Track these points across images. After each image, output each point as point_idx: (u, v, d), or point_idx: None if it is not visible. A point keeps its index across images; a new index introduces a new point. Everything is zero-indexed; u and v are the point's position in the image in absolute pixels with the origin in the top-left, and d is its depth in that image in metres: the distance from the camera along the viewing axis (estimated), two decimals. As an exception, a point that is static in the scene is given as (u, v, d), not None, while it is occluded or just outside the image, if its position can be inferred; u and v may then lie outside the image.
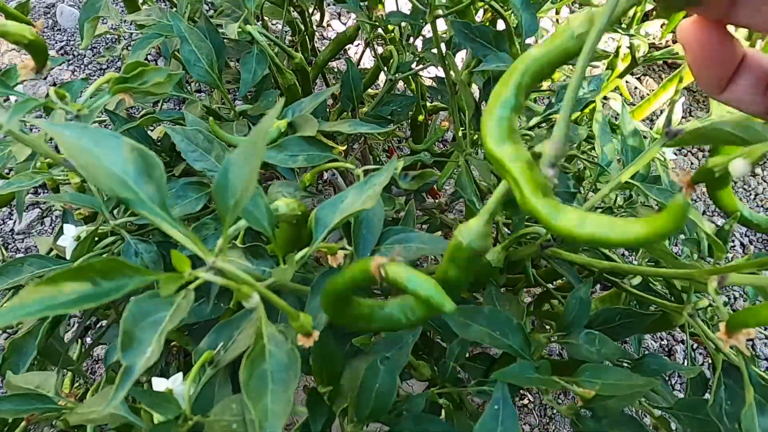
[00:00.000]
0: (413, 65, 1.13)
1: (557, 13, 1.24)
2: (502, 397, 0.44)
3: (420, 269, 0.33)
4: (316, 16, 1.39)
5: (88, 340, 1.13)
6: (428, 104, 1.23)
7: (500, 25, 0.83)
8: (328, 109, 1.35)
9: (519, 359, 0.53)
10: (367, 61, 1.88)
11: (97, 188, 0.66)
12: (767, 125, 0.31)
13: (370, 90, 1.41)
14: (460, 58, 1.49)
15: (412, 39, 1.16)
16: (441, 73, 0.93)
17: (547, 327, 1.10)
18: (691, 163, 1.90)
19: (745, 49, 0.32)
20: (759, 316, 0.40)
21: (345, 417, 0.53)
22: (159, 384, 0.47)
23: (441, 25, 0.88)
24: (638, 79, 1.92)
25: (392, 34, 1.15)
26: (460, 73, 0.79)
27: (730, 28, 0.31)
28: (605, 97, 1.60)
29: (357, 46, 1.94)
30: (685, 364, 1.44)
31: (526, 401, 1.48)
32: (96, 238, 0.74)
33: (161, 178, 0.30)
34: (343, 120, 0.86)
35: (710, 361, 1.54)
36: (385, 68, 1.13)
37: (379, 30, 1.12)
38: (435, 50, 0.86)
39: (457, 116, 0.84)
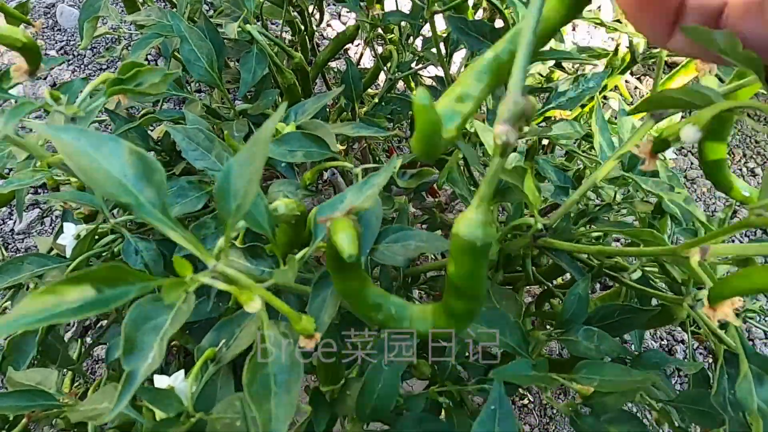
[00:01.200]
0: (413, 65, 1.13)
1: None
2: (499, 396, 0.44)
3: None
4: (316, 16, 1.39)
5: (88, 340, 1.13)
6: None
7: (499, 23, 0.83)
8: (327, 109, 1.35)
9: (517, 357, 0.53)
10: (367, 61, 1.88)
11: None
12: (713, 89, 0.30)
13: (370, 90, 1.41)
14: (460, 56, 1.49)
15: (411, 38, 1.16)
16: (441, 73, 0.93)
17: (548, 327, 1.10)
18: (691, 163, 1.90)
19: None
20: (733, 285, 0.39)
21: (346, 416, 0.53)
22: (161, 381, 0.47)
23: (441, 24, 0.88)
24: (638, 78, 1.92)
25: (392, 34, 1.15)
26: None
27: None
28: (605, 97, 1.60)
29: (357, 45, 1.95)
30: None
31: (526, 401, 1.48)
32: (96, 237, 0.74)
33: (161, 181, 0.30)
34: (345, 123, 0.87)
35: (710, 361, 1.54)
36: (385, 68, 1.13)
37: (379, 30, 1.12)
38: (434, 49, 0.86)
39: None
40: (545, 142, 1.14)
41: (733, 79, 0.45)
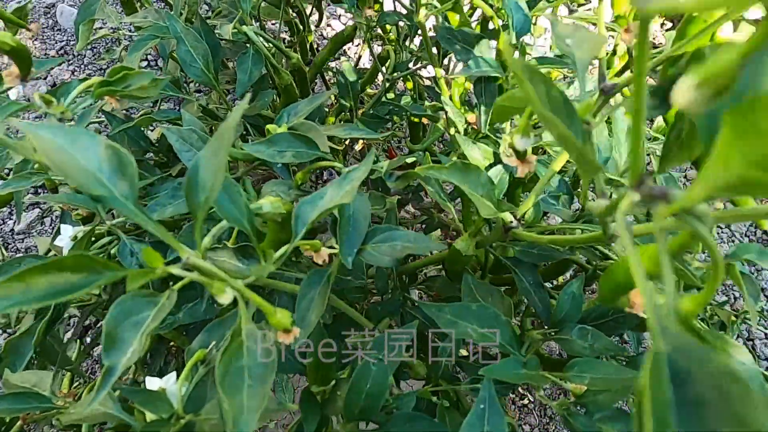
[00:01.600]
0: (410, 64, 1.13)
1: (554, 11, 1.24)
2: (489, 396, 0.44)
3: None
4: (315, 17, 1.39)
5: (88, 340, 1.14)
6: (426, 103, 1.23)
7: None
8: (327, 109, 1.35)
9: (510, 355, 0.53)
10: (366, 61, 1.89)
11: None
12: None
13: (369, 90, 1.41)
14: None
15: (409, 39, 1.16)
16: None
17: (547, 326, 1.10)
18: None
19: None
20: (610, 279, 0.36)
21: (341, 416, 0.53)
22: (152, 383, 0.47)
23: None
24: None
25: (390, 35, 1.15)
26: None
27: None
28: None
29: (357, 46, 1.95)
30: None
31: (526, 401, 1.48)
32: (93, 239, 0.74)
33: (134, 175, 0.30)
34: (338, 124, 0.86)
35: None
36: (383, 68, 1.13)
37: (378, 30, 1.12)
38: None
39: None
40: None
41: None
